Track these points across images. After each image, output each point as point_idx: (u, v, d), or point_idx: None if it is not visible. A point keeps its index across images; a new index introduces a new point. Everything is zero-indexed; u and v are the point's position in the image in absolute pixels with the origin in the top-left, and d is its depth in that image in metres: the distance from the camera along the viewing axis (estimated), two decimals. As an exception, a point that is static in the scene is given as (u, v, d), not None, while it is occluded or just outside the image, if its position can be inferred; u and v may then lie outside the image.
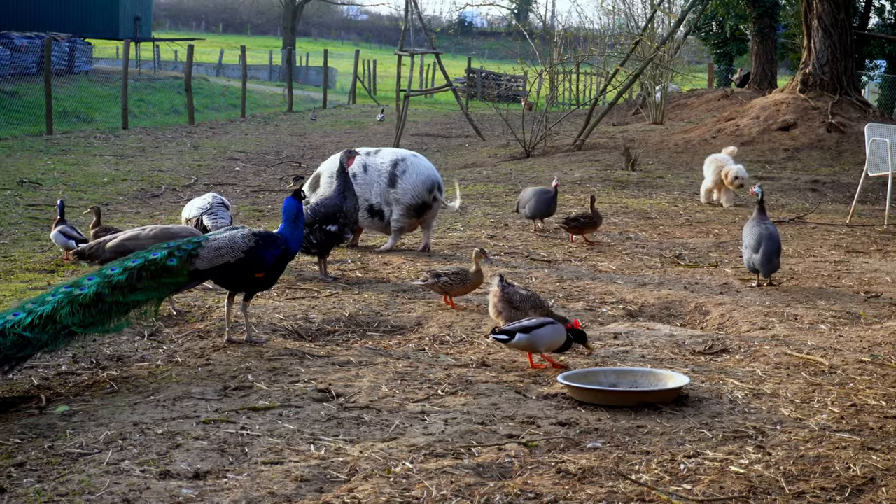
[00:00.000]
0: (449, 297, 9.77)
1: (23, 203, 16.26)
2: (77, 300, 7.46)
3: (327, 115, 42.66)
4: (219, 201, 11.37)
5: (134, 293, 7.70)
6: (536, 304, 8.47)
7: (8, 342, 7.12)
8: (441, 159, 25.21)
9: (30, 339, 7.20)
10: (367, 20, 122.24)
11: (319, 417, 6.70)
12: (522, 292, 8.60)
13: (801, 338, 8.81)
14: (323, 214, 10.96)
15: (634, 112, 37.31)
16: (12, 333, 7.15)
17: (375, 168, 12.62)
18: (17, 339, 7.16)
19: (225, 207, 11.35)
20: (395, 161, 12.66)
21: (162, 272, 7.85)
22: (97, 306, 7.53)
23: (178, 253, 7.96)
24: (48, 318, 7.32)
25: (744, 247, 10.96)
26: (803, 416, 6.82)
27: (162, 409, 6.81)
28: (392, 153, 12.87)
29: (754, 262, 10.71)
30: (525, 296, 8.55)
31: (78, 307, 7.44)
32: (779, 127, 24.61)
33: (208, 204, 11.29)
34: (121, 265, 7.79)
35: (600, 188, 18.56)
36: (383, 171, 12.59)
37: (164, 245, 8.09)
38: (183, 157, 24.58)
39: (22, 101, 32.76)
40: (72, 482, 5.61)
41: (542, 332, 7.80)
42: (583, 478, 5.73)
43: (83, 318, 7.44)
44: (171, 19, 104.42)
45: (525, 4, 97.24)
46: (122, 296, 7.65)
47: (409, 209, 12.56)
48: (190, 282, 8.11)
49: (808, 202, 17.76)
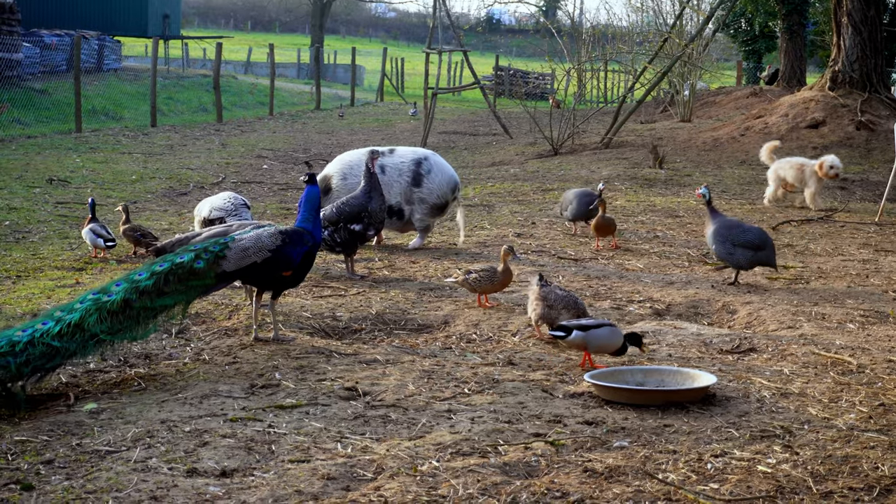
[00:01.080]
0: (482, 296, 9.75)
1: (52, 201, 16.32)
2: (105, 307, 7.44)
3: (355, 113, 42.71)
4: (241, 202, 11.27)
5: (161, 297, 7.69)
6: (570, 305, 8.44)
7: (37, 352, 7.11)
8: (468, 157, 25.21)
9: (58, 348, 7.19)
10: (395, 17, 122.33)
11: (346, 416, 6.71)
12: (558, 292, 8.56)
13: (829, 337, 8.78)
14: (347, 214, 10.98)
15: (662, 110, 37.20)
16: (41, 343, 7.15)
17: (395, 168, 12.62)
18: (45, 348, 7.15)
19: (247, 207, 11.31)
20: (417, 160, 12.68)
21: (189, 275, 7.84)
22: (125, 312, 7.51)
23: (205, 255, 7.94)
24: (76, 326, 7.32)
25: (717, 245, 10.84)
26: (831, 416, 6.79)
27: (189, 406, 6.83)
28: (411, 152, 12.88)
29: (761, 257, 10.67)
30: (560, 295, 8.52)
31: (106, 314, 7.43)
32: (807, 125, 24.50)
33: (231, 205, 11.11)
34: (148, 270, 7.78)
35: (628, 186, 18.53)
36: (405, 171, 12.59)
37: (191, 247, 8.09)
38: (211, 154, 24.64)
39: (51, 99, 32.89)
40: (100, 479, 5.63)
41: (599, 332, 7.78)
42: (609, 477, 5.72)
43: (111, 326, 7.44)
44: (199, 17, 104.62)
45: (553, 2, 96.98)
46: (150, 301, 7.63)
47: (433, 208, 12.60)
48: (217, 284, 8.09)
49: (837, 200, 17.69)
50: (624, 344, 7.84)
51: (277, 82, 44.92)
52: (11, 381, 7.05)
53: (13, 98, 30.48)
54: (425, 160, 12.70)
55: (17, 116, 29.59)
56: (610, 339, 7.81)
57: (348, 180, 12.45)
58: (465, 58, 33.42)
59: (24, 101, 31.12)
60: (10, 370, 7.00)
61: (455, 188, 12.76)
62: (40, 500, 5.42)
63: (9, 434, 6.43)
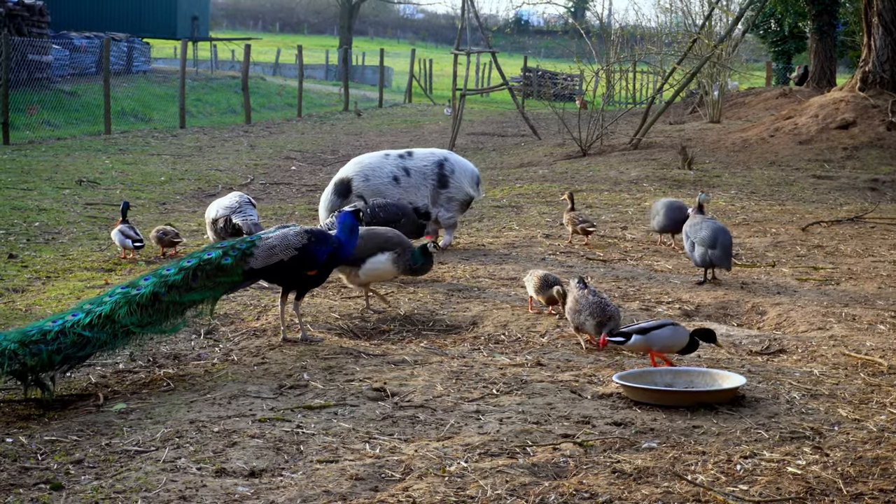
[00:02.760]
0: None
1: (81, 202, 16.40)
2: (135, 300, 7.56)
3: (383, 115, 42.73)
4: (245, 200, 11.46)
5: (190, 293, 7.80)
6: (595, 312, 8.30)
7: (69, 341, 7.22)
8: (497, 158, 25.20)
9: (89, 338, 7.29)
10: (424, 19, 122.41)
11: (374, 416, 6.71)
12: (590, 297, 8.42)
13: (859, 338, 8.74)
14: (383, 219, 11.01)
15: (691, 111, 37.11)
16: (72, 333, 7.27)
17: (419, 171, 12.65)
18: (77, 338, 7.26)
19: (252, 206, 11.43)
20: (439, 161, 12.72)
21: (217, 271, 7.93)
22: (154, 306, 7.62)
23: (233, 252, 8.04)
24: (107, 317, 7.43)
25: (692, 243, 10.87)
26: (861, 417, 6.76)
27: (218, 407, 6.85)
28: (430, 154, 12.91)
29: (712, 256, 10.66)
30: (589, 301, 8.38)
31: (136, 307, 7.54)
32: (837, 125, 24.37)
33: (236, 203, 11.37)
34: (176, 265, 7.88)
35: (657, 187, 18.48)
36: (429, 174, 12.63)
37: (219, 244, 8.20)
38: (239, 156, 24.71)
39: (81, 101, 33.07)
40: (129, 479, 5.65)
41: (660, 333, 7.77)
42: (638, 478, 5.70)
43: (141, 318, 7.54)
44: (228, 19, 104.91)
45: (582, 3, 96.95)
46: (179, 295, 7.74)
47: (462, 205, 12.71)
48: (244, 281, 8.17)
49: (868, 201, 17.60)
50: (693, 341, 7.81)
51: (306, 84, 44.97)
52: (43, 369, 7.14)
53: (43, 100, 30.67)
54: (446, 160, 12.76)
55: (47, 118, 29.77)
56: (673, 338, 7.78)
57: (371, 181, 12.45)
58: (493, 59, 33.42)
59: (53, 102, 31.31)
60: (42, 358, 7.09)
61: (478, 182, 12.89)
62: (70, 500, 5.44)
63: (39, 434, 6.46)
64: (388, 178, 12.44)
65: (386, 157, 12.76)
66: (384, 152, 12.95)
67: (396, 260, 9.47)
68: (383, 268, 9.48)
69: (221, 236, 11.17)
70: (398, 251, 9.50)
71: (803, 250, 12.80)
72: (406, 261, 9.50)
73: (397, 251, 9.50)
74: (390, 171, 12.43)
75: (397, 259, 9.47)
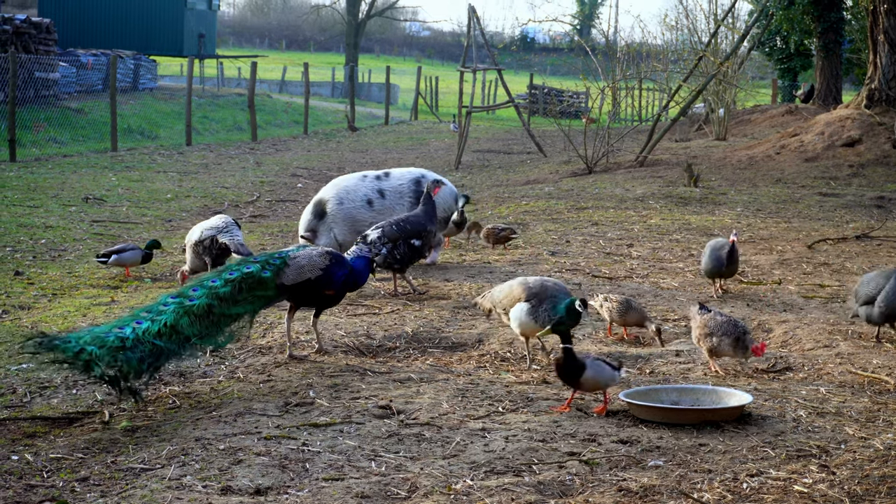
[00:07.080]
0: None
1: (87, 219, 16.42)
2: (192, 310, 7.64)
3: (389, 132, 42.75)
4: (231, 221, 11.43)
5: (235, 305, 7.91)
6: (729, 331, 8.18)
7: (147, 350, 7.26)
8: (503, 175, 25.21)
9: (162, 348, 7.36)
10: (430, 36, 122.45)
11: (380, 434, 6.71)
12: (718, 318, 8.34)
13: (865, 356, 8.72)
14: (409, 231, 10.99)
15: (697, 128, 37.11)
16: (147, 342, 7.30)
17: (394, 191, 12.66)
18: (152, 347, 7.32)
19: (237, 227, 11.42)
20: (416, 179, 12.75)
21: (257, 284, 8.06)
22: (209, 317, 7.73)
23: (269, 266, 8.18)
24: (172, 327, 7.49)
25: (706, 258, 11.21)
26: (868, 436, 6.75)
27: (224, 424, 6.84)
28: (408, 173, 12.94)
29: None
30: (719, 322, 8.28)
31: (195, 318, 7.63)
32: (843, 143, 24.37)
33: (222, 223, 11.30)
34: (220, 277, 7.98)
35: (663, 204, 18.48)
36: (405, 192, 12.64)
37: (254, 259, 8.39)
38: (246, 173, 24.74)
39: (87, 118, 33.10)
40: (134, 497, 5.65)
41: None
42: (644, 496, 5.70)
43: (201, 329, 7.64)
44: (234, 36, 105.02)
45: (588, 20, 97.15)
46: (227, 308, 7.85)
47: (442, 221, 12.68)
48: (277, 296, 8.31)
49: (874, 219, 17.57)
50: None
51: (312, 101, 45.01)
52: (137, 376, 7.24)
53: (50, 117, 30.72)
54: (423, 178, 12.76)
55: (54, 135, 29.82)
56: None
57: (344, 205, 12.42)
58: (499, 76, 33.48)
59: (60, 120, 31.35)
60: (132, 365, 7.14)
61: (457, 198, 12.92)
62: (75, 518, 5.44)
63: (44, 451, 6.47)
64: (361, 202, 12.44)
65: (363, 178, 12.78)
66: (363, 173, 12.99)
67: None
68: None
69: (204, 258, 11.09)
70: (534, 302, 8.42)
71: (809, 268, 12.78)
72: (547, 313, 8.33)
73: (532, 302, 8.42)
74: (364, 193, 12.46)
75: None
